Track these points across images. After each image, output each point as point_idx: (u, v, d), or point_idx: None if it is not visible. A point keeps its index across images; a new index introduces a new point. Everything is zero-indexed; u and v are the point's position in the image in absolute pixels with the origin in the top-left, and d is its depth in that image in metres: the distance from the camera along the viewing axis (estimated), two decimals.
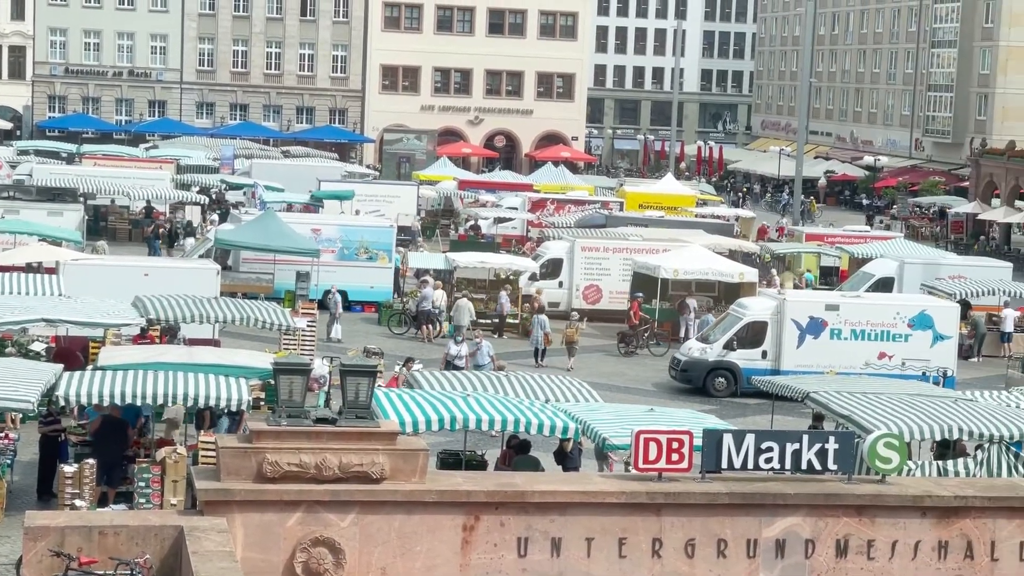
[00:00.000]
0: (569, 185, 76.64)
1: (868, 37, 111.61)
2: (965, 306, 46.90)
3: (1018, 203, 76.70)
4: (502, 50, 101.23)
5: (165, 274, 38.43)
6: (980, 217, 78.29)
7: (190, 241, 56.06)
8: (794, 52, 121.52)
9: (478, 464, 27.30)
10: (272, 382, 23.84)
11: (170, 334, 34.85)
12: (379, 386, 23.85)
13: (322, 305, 44.37)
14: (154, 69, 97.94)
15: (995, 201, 78.68)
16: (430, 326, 45.04)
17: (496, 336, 44.96)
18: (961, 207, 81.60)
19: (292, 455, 18.28)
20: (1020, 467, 23.60)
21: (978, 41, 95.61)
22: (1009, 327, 46.97)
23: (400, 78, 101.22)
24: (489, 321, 46.01)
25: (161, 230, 59.53)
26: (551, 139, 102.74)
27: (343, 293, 47.86)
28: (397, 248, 51.90)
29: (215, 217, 61.50)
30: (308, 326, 39.03)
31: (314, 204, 61.57)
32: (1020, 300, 48.35)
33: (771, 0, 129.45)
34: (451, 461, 27.13)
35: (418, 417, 23.31)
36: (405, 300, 47.18)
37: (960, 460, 24.61)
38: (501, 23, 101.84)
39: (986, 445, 24.13)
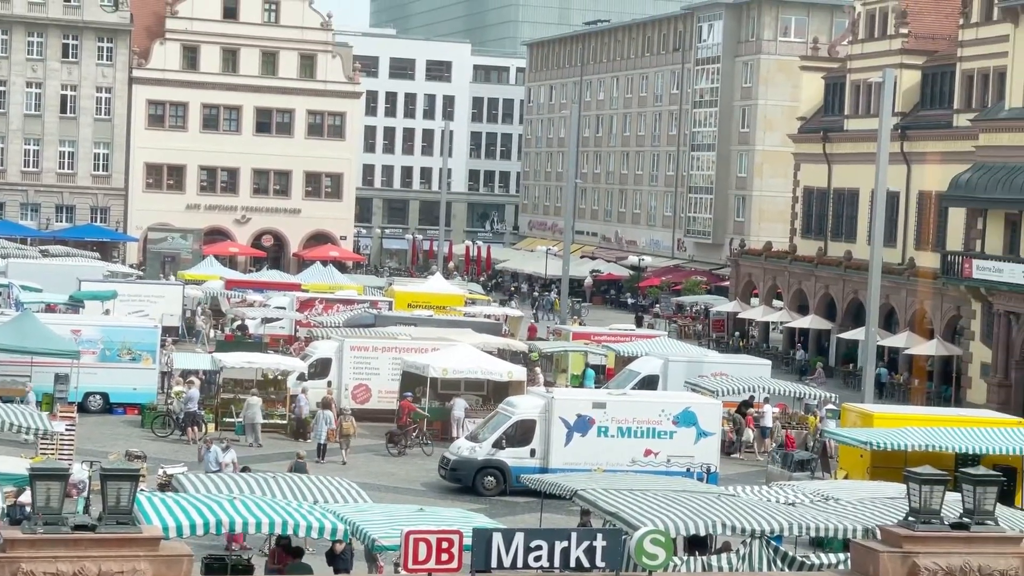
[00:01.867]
0: (338, 284, 76.37)
1: (631, 140, 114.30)
2: (747, 405, 48.07)
3: (776, 302, 78.90)
4: (270, 149, 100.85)
5: None
6: (740, 316, 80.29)
7: None
8: (560, 153, 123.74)
9: (244, 568, 26.76)
10: (29, 488, 23.01)
11: None
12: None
13: (82, 408, 43.19)
14: None
15: (754, 300, 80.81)
16: (195, 428, 44.24)
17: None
18: (722, 306, 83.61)
19: (48, 564, 17.63)
20: (779, 561, 24.03)
21: (735, 145, 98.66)
22: (768, 423, 48.12)
23: (165, 176, 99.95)
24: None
25: None
26: (319, 238, 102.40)
27: (104, 395, 46.77)
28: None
29: None
30: (67, 429, 37.94)
31: (74, 304, 60.17)
32: (779, 396, 49.68)
33: (536, 103, 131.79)
34: (216, 566, 26.54)
35: (182, 521, 22.76)
36: (170, 401, 46.28)
37: (724, 555, 24.96)
38: (268, 122, 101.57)
39: (748, 540, 24.53)
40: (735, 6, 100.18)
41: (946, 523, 19.42)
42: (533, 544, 19.48)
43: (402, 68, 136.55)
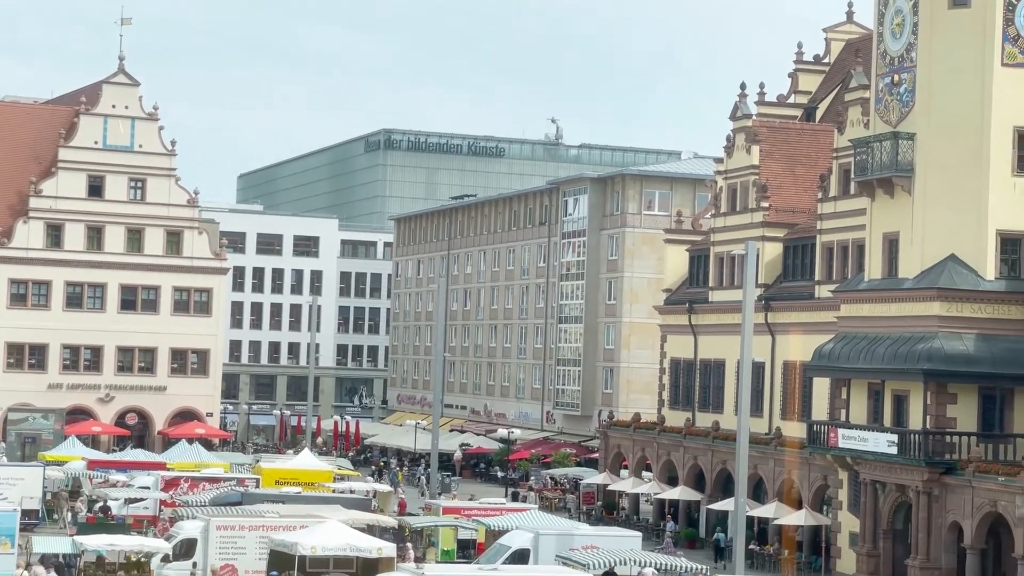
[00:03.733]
0: (204, 462, 75.38)
1: (499, 312, 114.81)
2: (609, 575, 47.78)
3: (645, 474, 78.96)
4: (135, 326, 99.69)
5: None
6: (610, 488, 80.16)
7: None
8: (428, 327, 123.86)
9: None
10: None
11: None
12: None
13: None
14: None
15: (624, 472, 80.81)
16: None
17: None
18: (592, 478, 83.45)
19: None
20: None
21: (602, 317, 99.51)
22: None
23: (26, 356, 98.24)
24: None
25: None
26: (185, 416, 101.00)
27: None
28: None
29: None
30: None
31: None
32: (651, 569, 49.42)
33: (404, 277, 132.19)
34: None
35: None
36: None
37: None
38: (134, 299, 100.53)
39: None
40: (599, 180, 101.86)
41: None
42: None
43: (269, 243, 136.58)
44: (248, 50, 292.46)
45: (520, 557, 49.35)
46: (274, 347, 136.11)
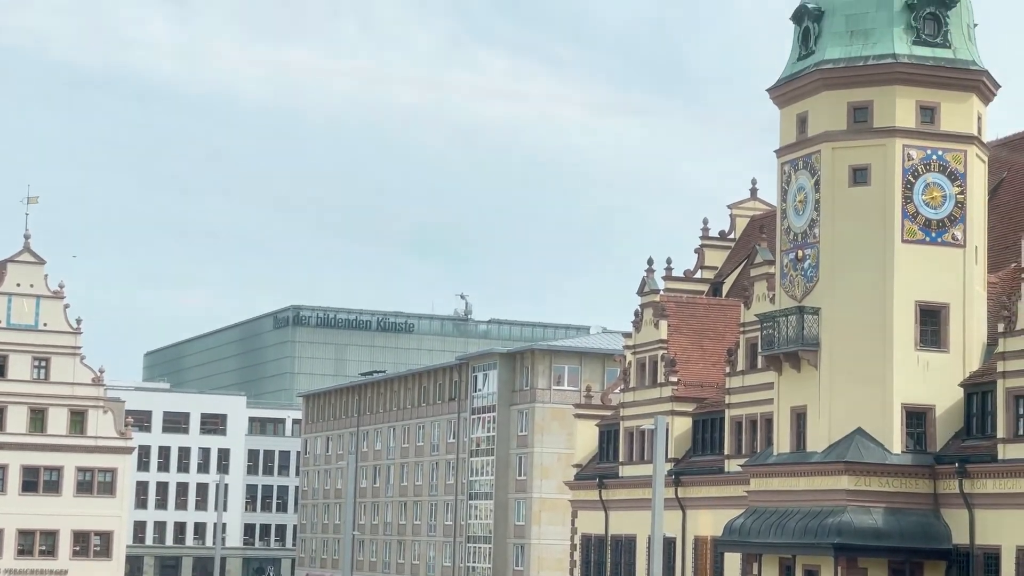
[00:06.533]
0: None
1: (409, 489, 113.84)
2: None
3: None
4: (36, 508, 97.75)
5: None
6: None
7: None
8: (337, 505, 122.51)
9: None
10: None
11: None
12: None
13: None
14: None
15: None
16: None
17: None
18: None
19: None
20: None
21: (513, 493, 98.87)
22: None
23: None
24: None
25: None
26: None
27: None
28: None
29: None
30: None
31: None
32: None
33: (313, 454, 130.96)
34: None
35: None
36: None
37: None
38: (36, 480, 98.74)
39: None
40: (509, 356, 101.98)
41: None
42: None
43: (176, 422, 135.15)
44: (155, 228, 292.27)
45: None
46: (180, 527, 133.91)
